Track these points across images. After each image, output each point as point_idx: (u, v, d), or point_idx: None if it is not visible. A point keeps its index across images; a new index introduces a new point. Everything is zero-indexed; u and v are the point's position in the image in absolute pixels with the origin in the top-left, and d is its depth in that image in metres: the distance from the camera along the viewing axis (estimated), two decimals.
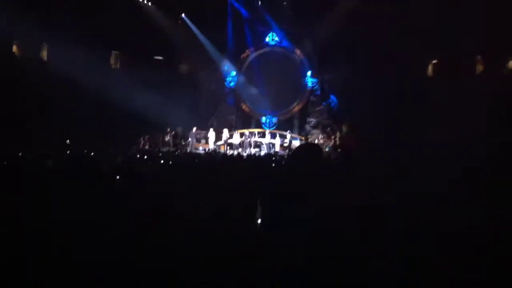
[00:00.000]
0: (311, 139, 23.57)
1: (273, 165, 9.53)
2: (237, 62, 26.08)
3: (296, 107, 25.77)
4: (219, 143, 23.50)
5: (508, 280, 1.93)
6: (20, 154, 10.66)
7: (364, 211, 2.27)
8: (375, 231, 2.20)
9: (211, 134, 23.20)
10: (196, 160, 10.82)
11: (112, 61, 24.74)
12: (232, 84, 26.04)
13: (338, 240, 1.95)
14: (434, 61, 23.01)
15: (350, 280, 1.87)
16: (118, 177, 4.65)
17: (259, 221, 1.99)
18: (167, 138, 23.00)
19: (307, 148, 3.20)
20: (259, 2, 24.75)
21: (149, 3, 23.72)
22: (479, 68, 21.40)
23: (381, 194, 2.60)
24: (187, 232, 2.02)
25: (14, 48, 20.52)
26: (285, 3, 24.66)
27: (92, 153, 12.65)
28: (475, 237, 2.10)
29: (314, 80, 25.20)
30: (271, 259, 1.71)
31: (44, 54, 21.54)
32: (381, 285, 1.96)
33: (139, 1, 23.38)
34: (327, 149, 20.71)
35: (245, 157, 13.29)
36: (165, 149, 20.99)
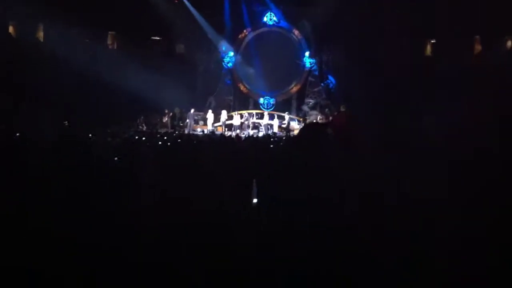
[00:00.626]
0: (309, 120, 23.52)
1: (271, 146, 9.55)
2: (234, 42, 25.88)
3: (294, 88, 25.69)
4: (217, 124, 23.44)
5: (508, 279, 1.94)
6: (17, 134, 10.63)
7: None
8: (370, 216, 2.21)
9: (210, 115, 23.13)
10: (195, 142, 10.81)
11: (109, 41, 24.58)
12: (229, 64, 25.88)
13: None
14: (432, 41, 22.93)
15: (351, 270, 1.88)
16: (116, 158, 4.65)
17: (254, 200, 1.98)
18: (165, 119, 22.96)
19: (315, 127, 3.22)
20: None
21: None
22: (477, 48, 21.35)
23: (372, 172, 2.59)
24: (184, 215, 2.02)
25: (10, 29, 20.37)
26: None
27: (89, 135, 12.62)
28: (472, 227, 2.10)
29: (312, 60, 25.08)
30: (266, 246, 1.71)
31: (40, 34, 21.38)
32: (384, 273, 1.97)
33: None
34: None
35: (243, 138, 13.32)
36: (163, 131, 20.97)
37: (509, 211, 2.12)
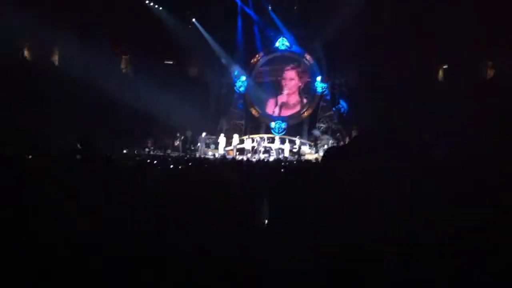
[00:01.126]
0: (320, 144, 23.47)
1: (282, 170, 9.50)
2: (247, 67, 26.13)
3: (305, 112, 25.72)
4: (228, 148, 23.48)
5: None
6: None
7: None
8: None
9: (222, 139, 23.18)
10: (206, 165, 10.79)
11: (123, 65, 24.91)
12: (241, 89, 26.09)
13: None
14: (444, 66, 22.91)
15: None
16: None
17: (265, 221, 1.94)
18: (177, 143, 23.03)
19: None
20: (269, 7, 24.77)
21: (160, 8, 23.85)
22: (489, 72, 21.28)
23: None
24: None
25: (26, 52, 20.70)
26: (295, 7, 24.68)
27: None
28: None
29: (324, 85, 25.13)
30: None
31: (56, 57, 21.71)
32: None
33: (150, 6, 23.52)
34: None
35: (254, 163, 13.31)
36: (174, 154, 21.04)
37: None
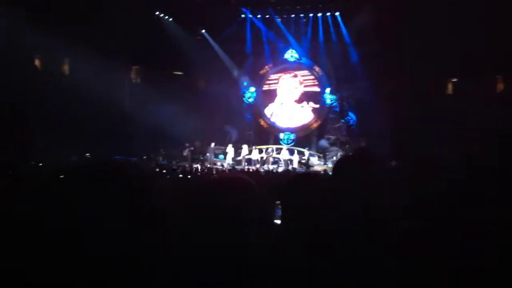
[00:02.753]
0: (329, 156, 23.44)
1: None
2: (256, 78, 26.24)
3: (314, 124, 25.72)
4: (237, 158, 23.50)
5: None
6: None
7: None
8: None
9: (230, 149, 23.21)
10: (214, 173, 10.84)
11: (132, 75, 25.12)
12: (250, 100, 26.20)
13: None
14: (454, 80, 22.86)
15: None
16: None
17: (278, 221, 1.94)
18: (185, 153, 23.07)
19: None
20: (279, 19, 24.91)
21: (170, 19, 24.06)
22: (500, 87, 21.20)
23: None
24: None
25: (36, 62, 20.93)
26: (304, 20, 24.83)
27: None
28: None
29: (333, 97, 25.15)
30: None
31: (66, 68, 21.93)
32: None
33: (160, 17, 23.74)
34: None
35: (263, 173, 13.35)
36: (183, 164, 21.09)
37: None
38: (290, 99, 25.99)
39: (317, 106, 25.52)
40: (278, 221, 1.83)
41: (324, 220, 1.72)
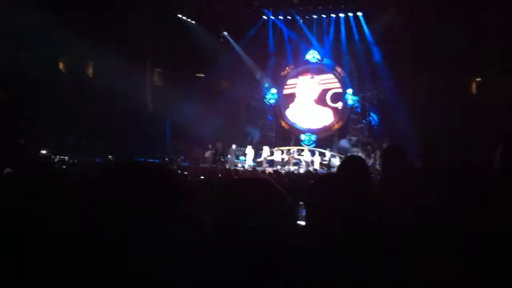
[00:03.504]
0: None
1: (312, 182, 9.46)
2: (277, 79, 26.24)
3: (336, 125, 25.61)
4: (258, 159, 23.52)
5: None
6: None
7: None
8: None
9: (249, 151, 23.21)
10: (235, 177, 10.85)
11: (155, 78, 25.35)
12: (272, 101, 26.20)
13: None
14: (478, 79, 22.52)
15: None
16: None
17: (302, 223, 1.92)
18: (207, 154, 23.17)
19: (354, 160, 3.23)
20: (301, 20, 24.87)
21: (192, 21, 24.20)
22: None
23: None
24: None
25: (61, 65, 21.26)
26: (326, 20, 24.75)
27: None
28: None
29: (355, 98, 24.99)
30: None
31: (90, 71, 22.24)
32: None
33: (182, 19, 23.89)
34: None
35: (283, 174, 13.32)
36: (205, 165, 21.20)
37: None
38: (310, 100, 25.94)
39: (337, 105, 25.42)
40: (302, 222, 1.82)
41: (349, 221, 1.71)
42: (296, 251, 1.31)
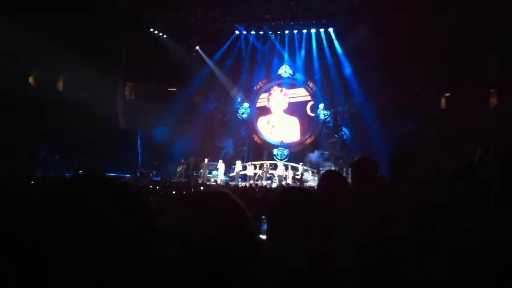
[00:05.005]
0: (322, 171, 23.30)
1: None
2: (250, 94, 26.31)
3: (308, 139, 25.77)
4: (231, 174, 23.46)
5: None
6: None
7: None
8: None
9: (221, 165, 23.10)
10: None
11: (127, 91, 25.16)
12: (244, 115, 26.22)
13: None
14: (447, 94, 23.01)
15: None
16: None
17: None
18: (179, 168, 23.00)
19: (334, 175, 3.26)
20: (272, 35, 25.06)
21: (165, 36, 24.14)
22: (493, 101, 21.33)
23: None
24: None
25: (30, 79, 20.91)
26: (298, 36, 24.99)
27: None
28: None
29: (327, 112, 25.22)
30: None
31: (60, 84, 21.92)
32: None
33: (154, 34, 23.81)
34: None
35: (257, 189, 13.29)
36: (176, 180, 21.02)
37: None
38: (279, 110, 26.14)
39: (312, 115, 25.67)
40: (263, 236, 1.81)
41: (311, 235, 1.70)
42: (253, 267, 1.29)
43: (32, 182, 11.16)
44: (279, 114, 26.26)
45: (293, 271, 1.63)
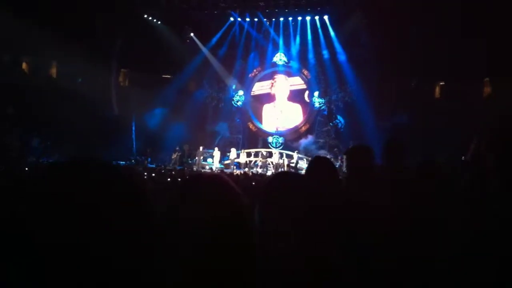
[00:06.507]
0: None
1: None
2: (244, 81, 26.23)
3: (303, 127, 25.77)
4: (226, 162, 23.46)
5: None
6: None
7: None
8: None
9: (216, 153, 23.10)
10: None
11: (120, 78, 25.00)
12: (239, 103, 26.15)
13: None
14: (441, 83, 23.00)
15: None
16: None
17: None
18: (174, 156, 22.96)
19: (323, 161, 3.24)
20: (267, 22, 24.93)
21: (159, 22, 23.98)
22: (487, 90, 21.34)
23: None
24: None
25: (24, 65, 20.74)
26: (293, 23, 24.88)
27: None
28: None
29: (321, 100, 25.20)
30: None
31: (54, 71, 21.76)
32: None
33: (149, 20, 23.64)
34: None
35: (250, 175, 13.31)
36: (171, 167, 20.99)
37: None
38: (283, 97, 26.12)
39: (307, 102, 25.67)
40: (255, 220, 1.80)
41: (301, 221, 1.70)
42: (247, 251, 1.29)
43: (26, 169, 11.13)
44: (283, 101, 26.22)
45: (281, 254, 1.63)
